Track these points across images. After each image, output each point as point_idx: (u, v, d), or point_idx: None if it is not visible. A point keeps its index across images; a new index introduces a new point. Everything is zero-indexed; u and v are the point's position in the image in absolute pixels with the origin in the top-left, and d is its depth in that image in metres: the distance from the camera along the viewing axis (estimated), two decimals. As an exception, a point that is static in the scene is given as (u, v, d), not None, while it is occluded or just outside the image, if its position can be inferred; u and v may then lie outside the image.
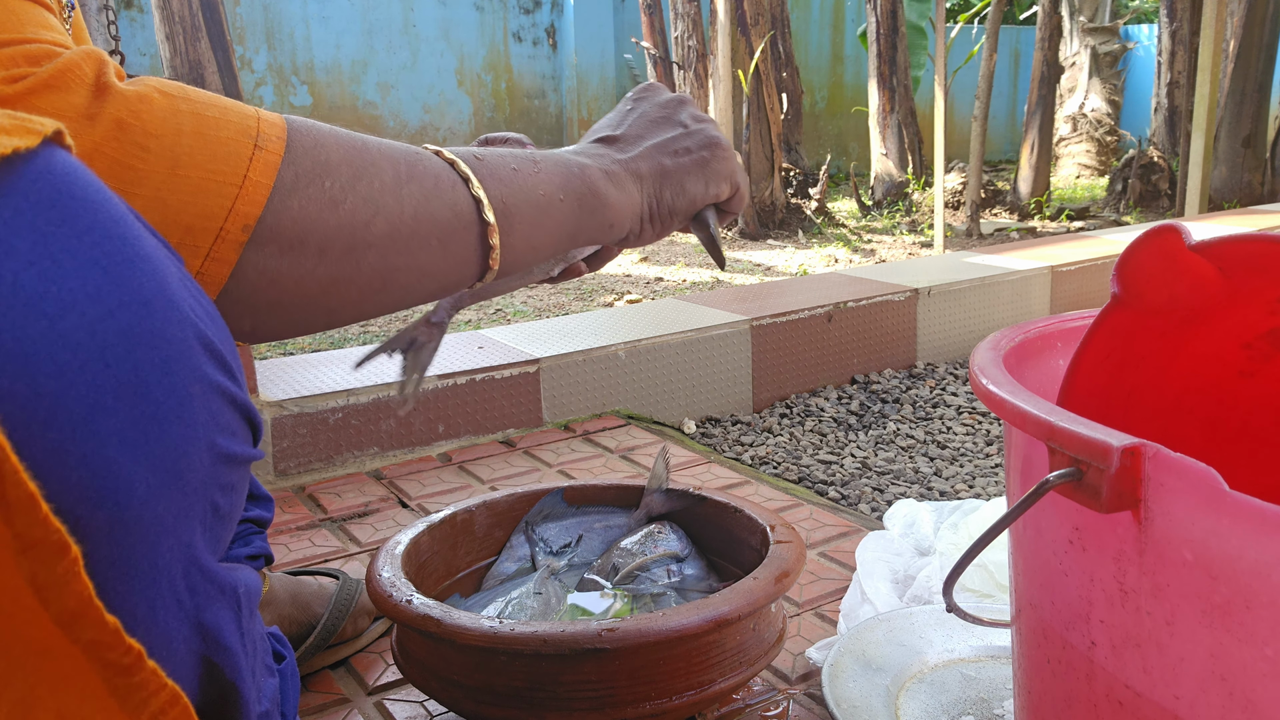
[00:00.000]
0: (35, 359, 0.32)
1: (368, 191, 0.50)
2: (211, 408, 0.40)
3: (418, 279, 0.53)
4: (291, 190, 0.47)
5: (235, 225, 0.45)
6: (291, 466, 1.42)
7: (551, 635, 0.71)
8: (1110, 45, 7.45)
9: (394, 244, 0.51)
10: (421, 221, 0.52)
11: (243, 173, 0.45)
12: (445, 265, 0.54)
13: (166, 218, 0.44)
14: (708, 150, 0.69)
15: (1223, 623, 0.38)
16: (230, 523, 0.43)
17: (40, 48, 0.43)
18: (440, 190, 0.53)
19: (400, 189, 0.51)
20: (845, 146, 7.81)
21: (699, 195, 0.69)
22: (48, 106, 0.42)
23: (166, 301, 0.38)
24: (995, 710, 0.82)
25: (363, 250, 0.50)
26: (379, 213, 0.50)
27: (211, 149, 0.45)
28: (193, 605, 0.41)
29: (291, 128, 0.49)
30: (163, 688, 0.36)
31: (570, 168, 0.62)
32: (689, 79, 4.74)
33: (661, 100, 0.72)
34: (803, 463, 1.66)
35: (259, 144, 0.46)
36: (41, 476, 0.31)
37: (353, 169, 0.50)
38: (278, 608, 0.92)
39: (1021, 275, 2.34)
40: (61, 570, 0.31)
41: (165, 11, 3.93)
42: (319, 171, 0.48)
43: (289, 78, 5.66)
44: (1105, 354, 0.54)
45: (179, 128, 0.44)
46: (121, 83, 0.45)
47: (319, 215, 0.48)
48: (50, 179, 0.35)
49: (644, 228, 0.67)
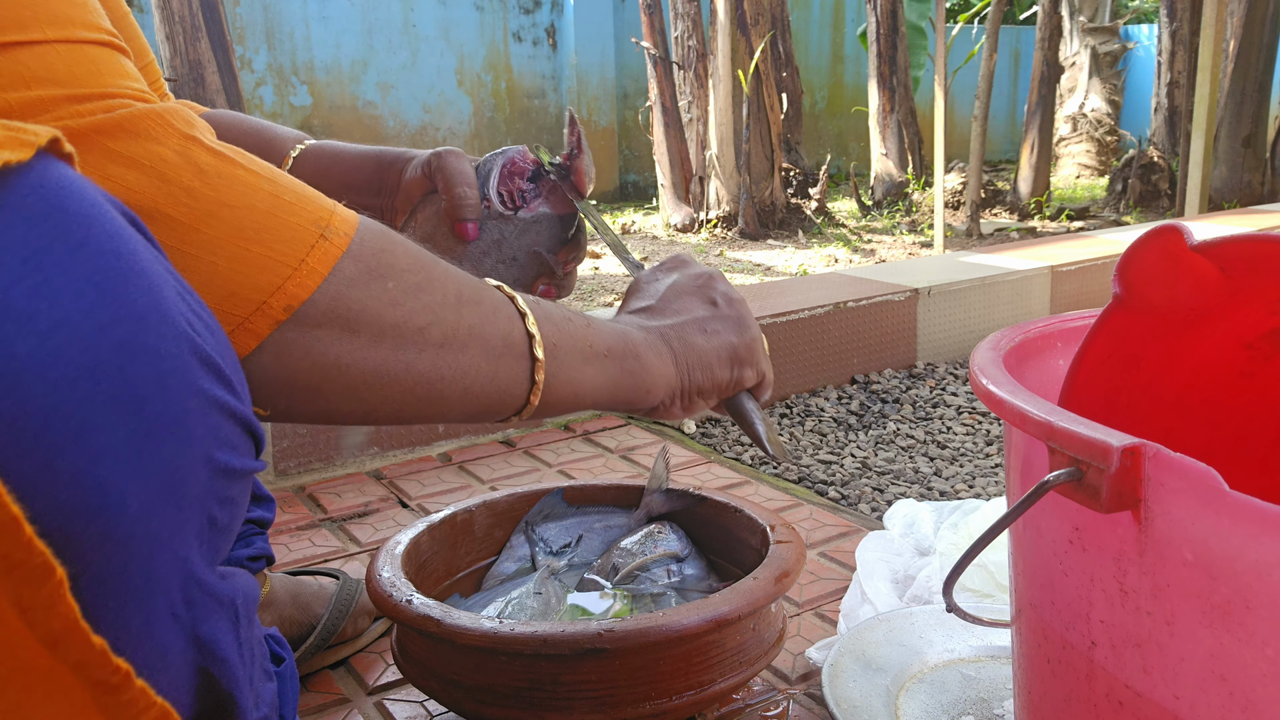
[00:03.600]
0: (25, 376, 0.32)
1: (429, 300, 0.52)
2: (209, 421, 0.40)
3: (460, 394, 0.54)
4: (351, 283, 0.48)
5: (278, 303, 0.46)
6: (291, 466, 1.42)
7: (551, 635, 0.71)
8: (1110, 45, 7.45)
9: (445, 354, 0.52)
10: (475, 340, 0.54)
11: (301, 258, 0.47)
12: (490, 388, 0.55)
13: (214, 281, 0.45)
14: (737, 335, 0.70)
15: (1223, 623, 0.38)
16: (229, 535, 0.43)
17: (120, 103, 0.44)
18: (498, 318, 0.55)
19: (460, 307, 0.53)
20: (845, 146, 7.80)
21: (724, 380, 0.70)
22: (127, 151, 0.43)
23: (161, 316, 0.37)
24: (995, 710, 0.82)
25: (414, 352, 0.51)
26: (435, 322, 0.52)
27: (279, 231, 0.46)
28: (189, 619, 0.40)
29: (363, 226, 0.50)
30: (152, 705, 0.35)
31: (616, 330, 0.64)
32: (689, 79, 4.74)
33: (694, 273, 0.73)
34: (803, 463, 1.66)
35: (325, 235, 0.48)
36: (30, 495, 0.31)
37: (417, 278, 0.52)
38: (278, 608, 0.92)
39: (1021, 275, 2.34)
40: (46, 593, 0.31)
41: (165, 11, 3.93)
42: (383, 272, 0.50)
43: (289, 77, 5.66)
44: (1107, 354, 0.54)
45: (253, 204, 0.46)
46: (210, 142, 0.46)
47: (377, 310, 0.49)
48: (43, 192, 0.34)
49: (675, 401, 0.68)
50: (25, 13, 0.43)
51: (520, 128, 6.43)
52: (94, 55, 0.45)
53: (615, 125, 6.66)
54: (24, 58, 0.42)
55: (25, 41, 0.43)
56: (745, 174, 4.53)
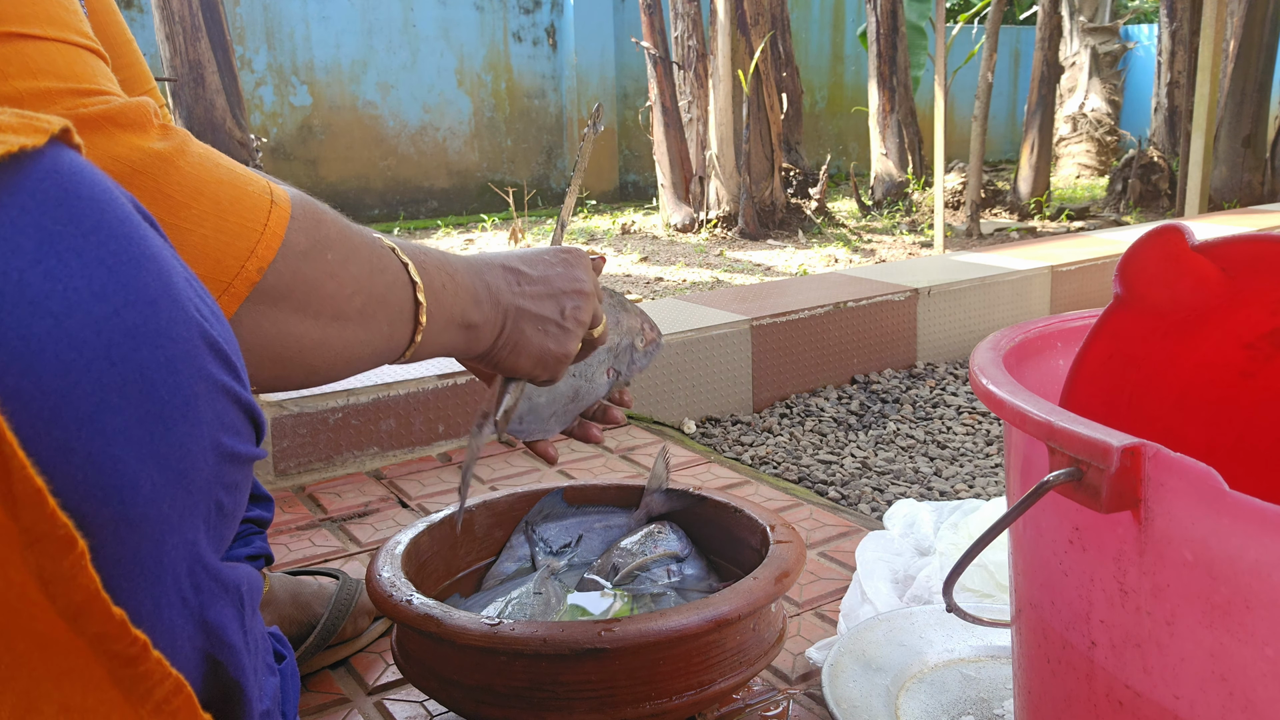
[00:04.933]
0: (41, 357, 0.32)
1: (355, 271, 0.56)
2: (216, 406, 0.40)
3: (370, 355, 0.59)
4: (305, 256, 0.52)
5: (253, 266, 0.49)
6: (291, 466, 1.42)
7: (551, 635, 0.71)
8: (1110, 45, 7.44)
9: (363, 322, 0.57)
10: (383, 307, 0.59)
11: (264, 222, 0.50)
12: (386, 347, 0.60)
13: (206, 251, 0.48)
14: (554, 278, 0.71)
15: (1223, 623, 0.38)
16: (234, 521, 0.44)
17: (113, 98, 0.47)
18: (397, 286, 0.60)
19: (374, 275, 0.58)
20: (845, 146, 7.80)
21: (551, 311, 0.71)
22: (127, 137, 0.46)
23: (172, 300, 0.38)
24: (995, 710, 0.82)
25: (343, 321, 0.56)
26: (358, 291, 0.56)
27: (242, 200, 0.50)
28: (197, 603, 0.41)
29: (294, 192, 0.54)
30: (166, 677, 0.36)
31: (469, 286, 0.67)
32: (689, 79, 4.74)
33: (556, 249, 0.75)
34: (803, 463, 1.66)
35: (274, 200, 0.51)
36: (47, 473, 0.31)
37: (345, 249, 0.56)
38: (278, 608, 0.92)
39: (1021, 275, 2.34)
40: (68, 564, 0.32)
41: (165, 11, 3.93)
42: (323, 243, 0.54)
43: (289, 77, 5.65)
44: (1108, 354, 0.54)
45: (219, 179, 0.49)
46: (175, 128, 0.50)
47: (321, 283, 0.54)
48: (57, 177, 0.35)
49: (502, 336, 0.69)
50: (26, 9, 0.45)
51: (520, 128, 6.43)
52: (85, 57, 0.47)
53: (615, 125, 6.66)
54: (28, 50, 0.44)
55: (29, 35, 0.45)
56: (745, 174, 4.53)
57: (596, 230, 5.02)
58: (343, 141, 5.87)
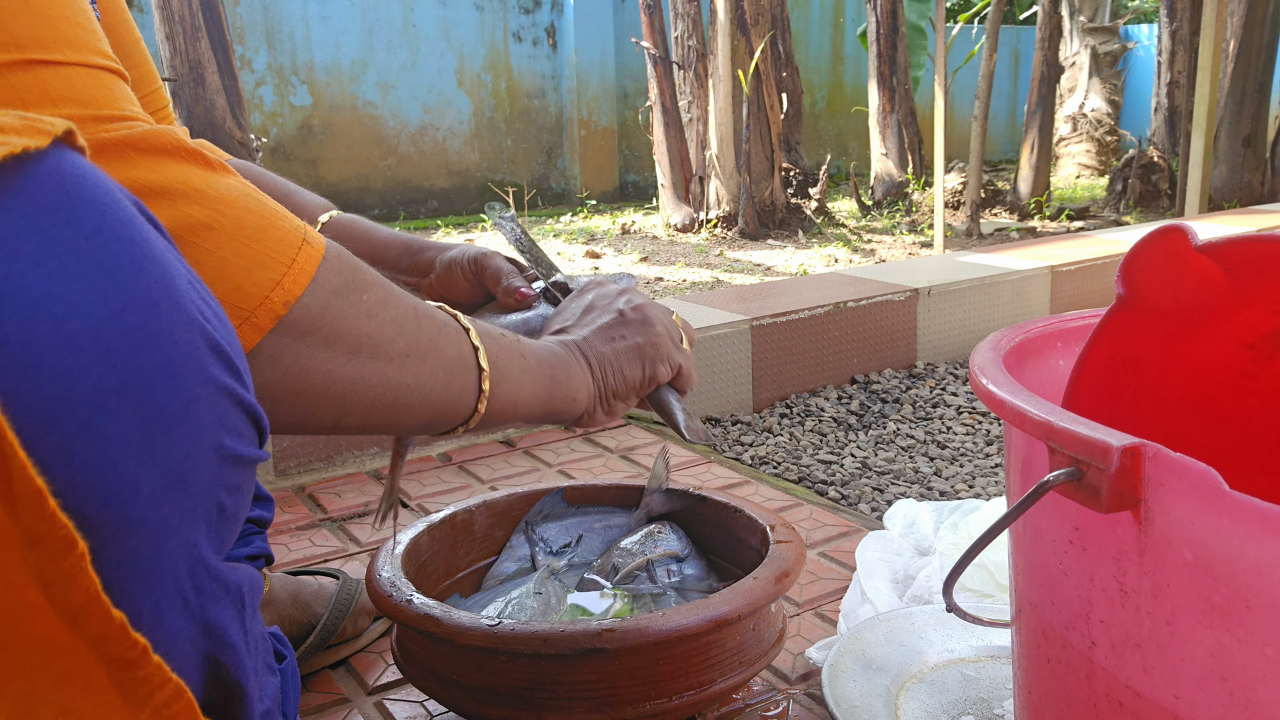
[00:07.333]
0: (41, 360, 0.32)
1: (395, 314, 0.56)
2: (218, 409, 0.40)
3: (421, 402, 0.58)
4: (337, 293, 0.52)
5: (278, 298, 0.49)
6: (291, 466, 1.42)
7: (551, 635, 0.71)
8: (1110, 45, 7.44)
9: (409, 364, 0.56)
10: (433, 351, 0.58)
11: (292, 257, 0.50)
12: (445, 395, 0.60)
13: (224, 275, 0.47)
14: (643, 336, 0.75)
15: (1223, 623, 0.38)
16: (236, 523, 0.44)
17: (137, 124, 0.47)
18: (449, 332, 0.60)
19: (419, 320, 0.58)
20: (845, 146, 7.80)
21: (637, 378, 0.74)
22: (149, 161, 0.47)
23: (173, 303, 0.38)
24: (995, 710, 0.82)
25: (385, 361, 0.55)
26: (402, 334, 0.56)
27: (270, 232, 0.50)
28: (198, 604, 0.41)
29: (329, 240, 0.55)
30: (167, 682, 0.36)
31: (542, 346, 0.70)
32: (689, 79, 4.74)
33: (604, 291, 0.78)
34: (803, 463, 1.66)
35: (306, 240, 0.52)
36: (47, 475, 0.31)
37: (383, 293, 0.56)
38: (278, 608, 0.92)
39: (1021, 275, 2.34)
40: (68, 565, 0.32)
41: (165, 11, 3.93)
42: (359, 285, 0.54)
43: (289, 77, 5.65)
44: (1110, 355, 0.54)
45: (248, 208, 0.50)
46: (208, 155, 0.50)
47: (356, 321, 0.53)
48: (58, 180, 0.35)
49: (596, 406, 0.73)
50: (45, 34, 0.45)
51: (520, 128, 6.43)
52: (106, 80, 0.47)
53: (615, 125, 6.65)
54: (47, 77, 0.44)
55: (49, 61, 0.44)
56: (745, 174, 4.53)
57: (596, 230, 5.02)
58: (343, 141, 5.86)
